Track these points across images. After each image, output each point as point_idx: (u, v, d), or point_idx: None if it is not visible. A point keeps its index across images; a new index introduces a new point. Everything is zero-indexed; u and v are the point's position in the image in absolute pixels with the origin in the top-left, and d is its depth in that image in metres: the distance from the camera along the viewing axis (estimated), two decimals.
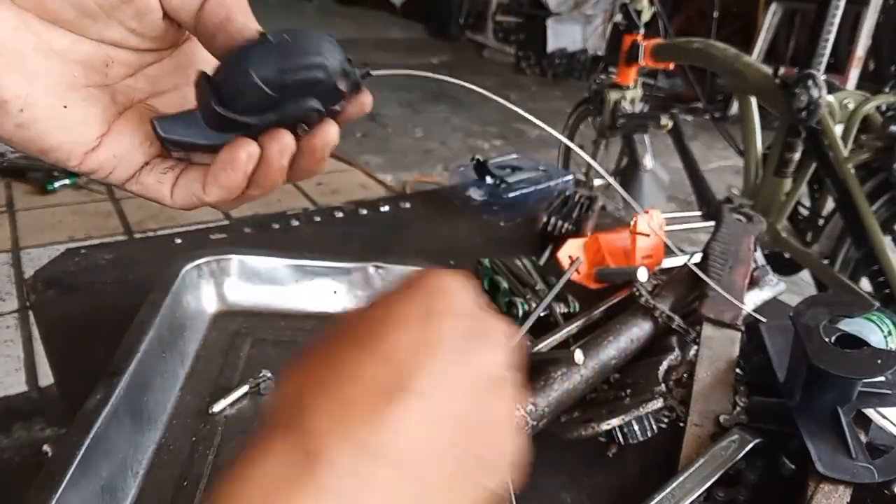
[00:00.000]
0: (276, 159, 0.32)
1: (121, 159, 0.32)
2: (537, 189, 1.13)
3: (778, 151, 1.67)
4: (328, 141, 0.33)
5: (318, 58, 0.30)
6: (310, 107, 0.31)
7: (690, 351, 0.70)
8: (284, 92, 0.30)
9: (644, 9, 2.04)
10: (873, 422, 0.60)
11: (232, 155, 0.31)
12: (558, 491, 0.58)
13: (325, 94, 0.31)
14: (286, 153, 0.32)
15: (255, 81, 0.29)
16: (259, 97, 0.29)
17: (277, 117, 0.31)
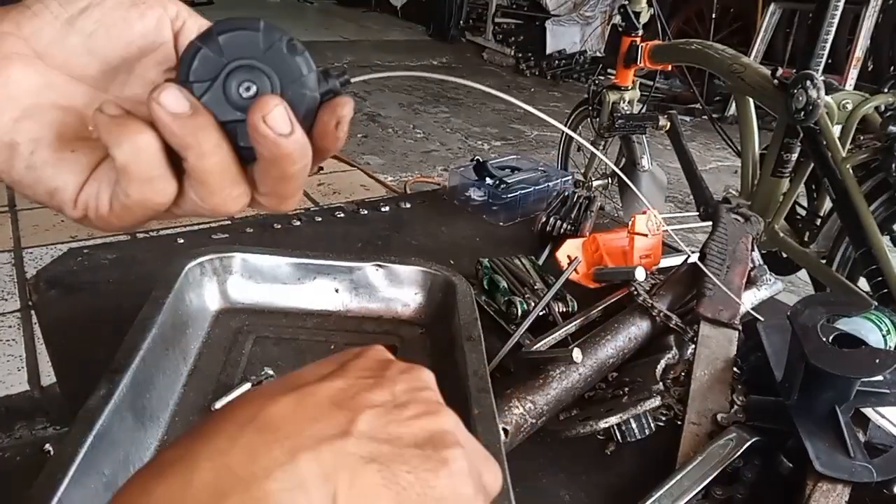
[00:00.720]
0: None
1: (100, 182, 0.31)
2: (536, 189, 1.13)
3: (776, 152, 1.68)
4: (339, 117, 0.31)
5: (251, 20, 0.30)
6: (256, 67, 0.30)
7: (688, 350, 0.71)
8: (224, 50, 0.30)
9: (643, 10, 2.04)
10: (871, 421, 0.61)
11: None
12: (557, 489, 0.58)
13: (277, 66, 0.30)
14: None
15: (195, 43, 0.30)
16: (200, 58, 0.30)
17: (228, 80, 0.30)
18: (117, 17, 0.30)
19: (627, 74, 2.13)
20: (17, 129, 0.29)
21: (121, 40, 0.31)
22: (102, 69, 0.31)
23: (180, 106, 0.28)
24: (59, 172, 0.30)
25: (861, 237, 1.49)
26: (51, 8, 0.30)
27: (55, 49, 0.30)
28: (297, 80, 0.30)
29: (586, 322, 0.77)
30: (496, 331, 0.77)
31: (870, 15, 3.50)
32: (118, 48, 0.31)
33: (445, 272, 0.75)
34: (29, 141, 0.29)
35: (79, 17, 0.30)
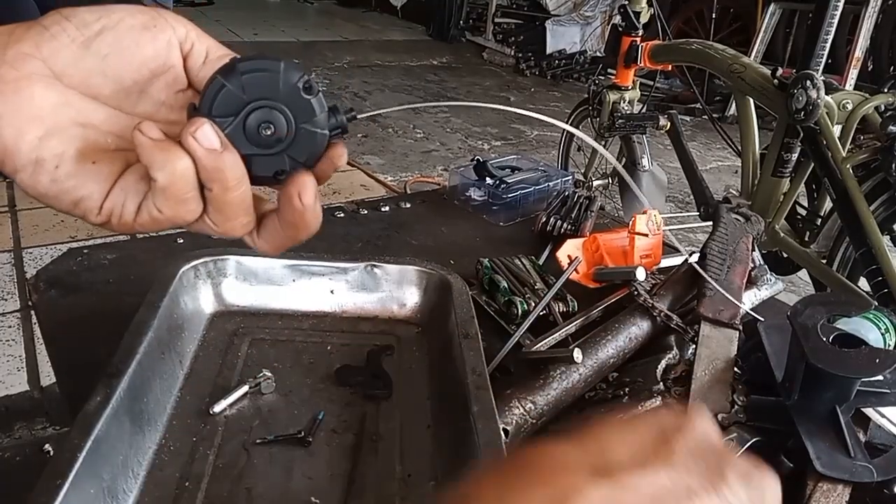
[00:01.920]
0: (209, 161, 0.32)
1: (127, 192, 0.33)
2: (536, 189, 1.13)
3: (776, 151, 1.68)
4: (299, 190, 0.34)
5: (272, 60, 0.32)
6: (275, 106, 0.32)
7: (688, 350, 0.71)
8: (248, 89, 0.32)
9: (643, 10, 2.04)
10: (872, 421, 0.61)
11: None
12: None
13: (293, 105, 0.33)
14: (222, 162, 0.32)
15: (218, 80, 0.31)
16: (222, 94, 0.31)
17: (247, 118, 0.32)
18: (130, 41, 0.32)
19: (628, 74, 2.13)
20: (42, 147, 0.31)
21: (133, 63, 0.32)
22: (116, 90, 0.33)
23: (213, 142, 0.31)
24: (83, 183, 0.32)
25: (861, 237, 1.49)
26: (68, 31, 0.31)
27: (72, 70, 0.31)
28: (309, 119, 0.33)
29: (587, 322, 0.77)
30: (496, 331, 0.76)
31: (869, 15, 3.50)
32: (131, 70, 0.32)
33: (441, 271, 0.75)
34: (53, 157, 0.31)
35: (94, 40, 0.31)
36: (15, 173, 0.31)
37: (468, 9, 6.36)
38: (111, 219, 0.33)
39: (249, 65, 0.32)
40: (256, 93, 0.32)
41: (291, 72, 0.32)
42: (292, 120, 0.33)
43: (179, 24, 0.33)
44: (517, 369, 0.70)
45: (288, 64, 0.32)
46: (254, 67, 0.31)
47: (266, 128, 0.32)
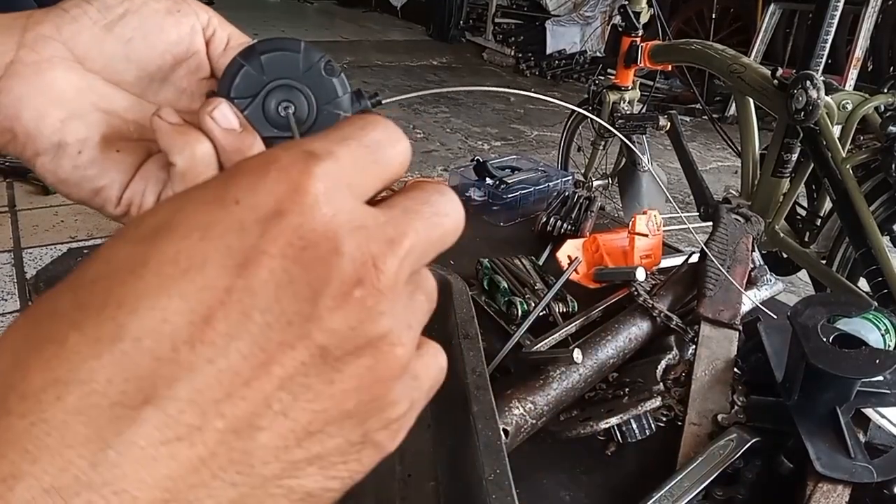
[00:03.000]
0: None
1: (147, 181, 0.32)
2: (536, 189, 1.13)
3: (776, 152, 1.68)
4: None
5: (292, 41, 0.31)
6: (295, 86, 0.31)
7: (688, 350, 0.71)
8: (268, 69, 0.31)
9: (643, 10, 2.04)
10: (872, 421, 0.61)
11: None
12: (557, 489, 0.58)
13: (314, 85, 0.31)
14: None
15: (238, 60, 0.30)
16: (241, 75, 0.30)
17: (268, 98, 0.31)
18: (154, 25, 0.31)
19: (627, 74, 2.13)
20: (65, 130, 0.30)
21: (157, 48, 0.31)
22: (139, 75, 0.32)
23: (231, 122, 0.29)
24: (106, 171, 0.31)
25: (861, 237, 1.49)
26: (89, 13, 0.30)
27: (94, 53, 0.30)
28: (331, 100, 0.32)
29: (587, 322, 0.77)
30: (496, 331, 0.76)
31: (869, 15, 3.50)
32: (154, 56, 0.31)
33: (440, 271, 0.75)
34: (77, 141, 0.30)
35: (117, 24, 0.30)
36: (36, 157, 0.30)
37: (468, 9, 6.36)
38: (130, 209, 0.32)
39: (269, 45, 0.31)
40: (276, 72, 0.31)
41: (312, 52, 0.31)
42: (313, 100, 0.31)
43: (202, 10, 0.33)
44: (517, 369, 0.70)
45: (308, 46, 0.31)
46: (273, 47, 0.31)
47: (286, 107, 0.31)
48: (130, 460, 0.15)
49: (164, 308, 0.16)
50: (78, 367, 0.15)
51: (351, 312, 0.17)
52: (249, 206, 0.17)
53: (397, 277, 0.18)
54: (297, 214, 0.17)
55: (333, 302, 0.17)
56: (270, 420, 0.16)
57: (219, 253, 0.16)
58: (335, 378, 0.17)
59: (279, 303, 0.16)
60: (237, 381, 0.16)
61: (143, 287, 0.16)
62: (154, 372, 0.15)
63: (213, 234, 0.17)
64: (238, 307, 0.16)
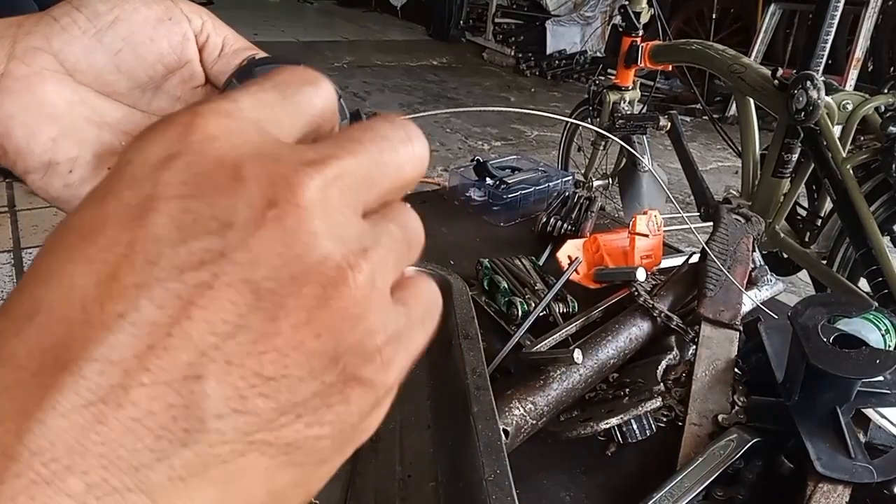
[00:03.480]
0: None
1: None
2: (537, 189, 1.13)
3: (776, 152, 1.68)
4: None
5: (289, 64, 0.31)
6: None
7: (689, 350, 0.71)
8: None
9: (643, 10, 2.04)
10: (872, 421, 0.61)
11: None
12: (557, 489, 0.58)
13: None
14: None
15: (233, 84, 0.30)
16: None
17: None
18: (144, 35, 0.30)
19: (628, 75, 2.13)
20: (55, 149, 0.29)
21: (148, 59, 0.31)
22: (130, 86, 0.31)
23: None
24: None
25: (861, 238, 1.49)
26: (79, 22, 0.29)
27: (84, 66, 0.30)
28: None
29: (587, 323, 0.77)
30: (497, 331, 0.76)
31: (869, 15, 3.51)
32: (145, 67, 0.31)
33: (440, 271, 0.75)
34: (67, 160, 0.30)
35: (107, 33, 0.29)
36: (26, 175, 0.30)
37: (468, 9, 6.36)
38: None
39: (265, 68, 0.30)
40: None
41: None
42: None
43: (195, 15, 0.32)
44: (517, 370, 0.69)
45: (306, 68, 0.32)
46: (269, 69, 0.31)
47: None
48: (55, 429, 0.14)
49: (71, 274, 0.15)
50: (1, 346, 0.15)
51: (270, 237, 0.16)
52: (141, 161, 0.17)
53: (325, 195, 0.17)
54: (188, 153, 0.16)
55: (245, 231, 0.16)
56: (209, 368, 0.15)
57: (117, 212, 0.16)
58: (278, 314, 0.16)
59: (185, 244, 0.15)
60: (156, 333, 0.15)
61: (53, 260, 0.16)
62: (68, 337, 0.15)
63: (109, 198, 0.16)
64: (141, 257, 0.15)
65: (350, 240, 0.17)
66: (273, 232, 0.16)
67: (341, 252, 0.17)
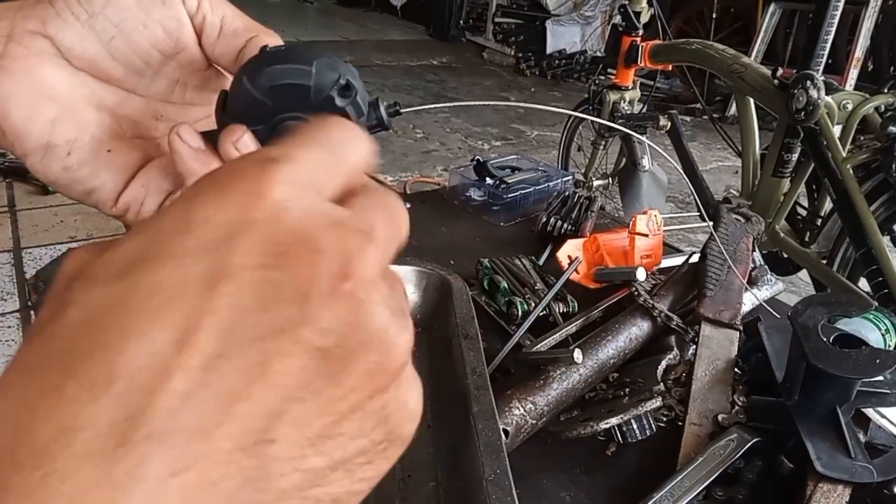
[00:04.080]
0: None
1: (148, 189, 0.31)
2: (537, 189, 1.13)
3: (776, 152, 1.68)
4: None
5: (304, 65, 0.28)
6: (304, 119, 0.29)
7: (689, 350, 0.71)
8: (275, 97, 0.28)
9: (643, 10, 2.04)
10: (872, 421, 0.61)
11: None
12: (557, 489, 0.58)
13: (323, 111, 0.29)
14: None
15: (246, 86, 0.28)
16: (250, 102, 0.28)
17: (275, 129, 0.29)
18: (136, 21, 0.29)
19: (628, 74, 2.13)
20: (53, 131, 0.29)
21: (142, 46, 0.30)
22: (127, 73, 0.31)
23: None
24: (96, 173, 0.30)
25: (861, 237, 1.49)
26: (71, 7, 0.29)
27: (78, 50, 0.29)
28: None
29: (587, 322, 0.77)
30: (497, 331, 0.76)
31: (869, 15, 3.51)
32: (140, 53, 0.30)
33: (441, 271, 0.75)
34: (65, 143, 0.29)
35: (98, 19, 0.29)
36: (24, 157, 0.30)
37: (468, 9, 6.36)
38: (128, 214, 0.31)
39: (277, 70, 0.28)
40: (286, 103, 0.29)
41: (324, 75, 0.28)
42: None
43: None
44: (517, 370, 0.69)
45: (322, 64, 0.28)
46: (282, 73, 0.28)
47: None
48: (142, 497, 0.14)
49: (151, 342, 0.15)
50: (79, 413, 0.15)
51: (344, 308, 0.17)
52: (217, 224, 0.17)
53: (381, 265, 0.18)
54: (266, 221, 0.17)
55: (323, 301, 0.16)
56: (281, 432, 0.16)
57: (195, 277, 0.16)
58: (342, 379, 0.17)
59: (266, 312, 0.16)
60: (237, 399, 0.15)
61: (127, 325, 0.16)
62: (151, 406, 0.15)
63: (186, 261, 0.16)
64: (224, 326, 0.16)
65: (394, 307, 0.18)
66: (346, 303, 0.17)
67: (394, 319, 0.18)
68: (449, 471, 0.55)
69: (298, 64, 0.28)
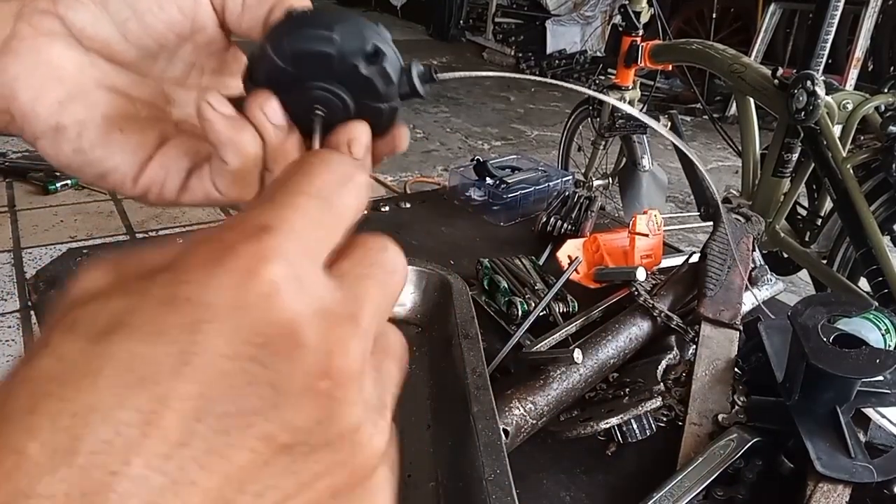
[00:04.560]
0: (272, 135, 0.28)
1: (168, 169, 0.30)
2: (537, 189, 1.13)
3: (776, 152, 1.68)
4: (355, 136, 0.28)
5: (325, 31, 0.26)
6: (328, 89, 0.27)
7: (689, 350, 0.71)
8: (298, 65, 0.27)
9: (643, 10, 2.04)
10: (872, 421, 0.61)
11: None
12: (557, 489, 0.58)
13: (351, 83, 0.28)
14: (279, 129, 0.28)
15: (269, 53, 0.27)
16: (273, 70, 0.27)
17: (300, 97, 0.28)
18: (151, 2, 0.28)
19: (628, 74, 2.13)
20: (62, 112, 0.28)
21: (156, 28, 0.29)
22: (140, 55, 0.29)
23: (280, 118, 0.27)
24: (109, 154, 0.29)
25: (861, 237, 1.49)
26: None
27: (90, 31, 0.28)
28: (371, 94, 0.28)
29: (587, 322, 0.77)
30: (497, 331, 0.76)
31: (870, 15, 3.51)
32: (155, 36, 0.29)
33: (441, 271, 0.75)
34: (75, 123, 0.28)
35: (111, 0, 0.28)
36: (35, 141, 0.29)
37: (468, 8, 6.36)
38: (148, 194, 0.30)
39: (298, 37, 0.27)
40: (310, 70, 0.27)
41: (348, 41, 0.27)
42: (349, 101, 0.28)
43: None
44: (517, 370, 0.69)
45: (345, 29, 0.27)
46: (304, 39, 0.26)
47: (316, 110, 0.28)
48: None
49: (118, 420, 0.15)
50: (38, 480, 0.14)
51: (317, 407, 0.16)
52: (203, 305, 0.16)
53: (363, 357, 0.18)
54: (252, 308, 0.16)
55: (296, 399, 0.16)
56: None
57: (172, 358, 0.15)
58: (303, 477, 0.16)
59: (235, 405, 0.15)
60: (192, 489, 0.15)
61: (97, 397, 0.15)
62: (108, 486, 0.14)
63: (166, 339, 0.16)
64: (190, 414, 0.15)
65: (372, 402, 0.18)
66: (320, 403, 0.16)
67: (370, 420, 0.18)
68: (449, 471, 0.55)
69: (320, 29, 0.26)
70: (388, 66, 0.28)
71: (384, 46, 0.28)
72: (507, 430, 0.57)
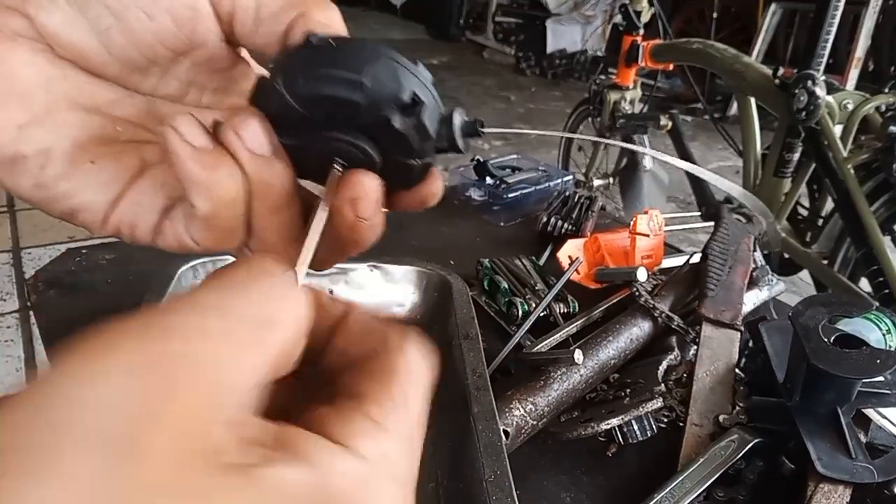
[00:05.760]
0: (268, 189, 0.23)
1: (140, 207, 0.25)
2: (537, 189, 1.13)
3: (777, 152, 1.68)
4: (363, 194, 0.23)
5: (353, 74, 0.21)
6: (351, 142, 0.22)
7: (690, 351, 0.71)
8: (316, 111, 0.22)
9: (644, 9, 2.04)
10: (873, 421, 0.61)
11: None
12: (558, 490, 0.58)
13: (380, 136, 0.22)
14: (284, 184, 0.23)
15: (280, 90, 0.22)
16: (285, 110, 0.22)
17: (314, 144, 0.23)
18: (138, 9, 0.23)
19: (629, 74, 2.13)
20: (23, 139, 0.23)
21: (145, 40, 0.23)
22: (126, 69, 0.24)
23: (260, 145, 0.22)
24: (78, 189, 0.24)
25: (862, 237, 1.49)
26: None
27: (64, 38, 0.23)
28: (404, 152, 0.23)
29: (587, 323, 0.77)
30: (497, 332, 0.76)
31: (870, 15, 3.50)
32: (142, 49, 0.24)
33: (440, 271, 0.74)
34: (37, 153, 0.23)
35: (91, 1, 0.23)
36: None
37: (468, 8, 6.36)
38: (122, 236, 0.25)
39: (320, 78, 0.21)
40: (329, 118, 0.22)
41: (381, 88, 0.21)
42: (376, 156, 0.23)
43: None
44: (517, 370, 0.69)
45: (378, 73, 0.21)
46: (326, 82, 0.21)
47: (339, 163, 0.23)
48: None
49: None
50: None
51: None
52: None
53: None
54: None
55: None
56: None
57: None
58: None
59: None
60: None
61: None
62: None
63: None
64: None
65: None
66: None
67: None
68: (449, 472, 0.55)
69: (346, 70, 0.21)
70: (426, 118, 0.23)
71: (422, 93, 0.23)
72: (508, 431, 0.57)
